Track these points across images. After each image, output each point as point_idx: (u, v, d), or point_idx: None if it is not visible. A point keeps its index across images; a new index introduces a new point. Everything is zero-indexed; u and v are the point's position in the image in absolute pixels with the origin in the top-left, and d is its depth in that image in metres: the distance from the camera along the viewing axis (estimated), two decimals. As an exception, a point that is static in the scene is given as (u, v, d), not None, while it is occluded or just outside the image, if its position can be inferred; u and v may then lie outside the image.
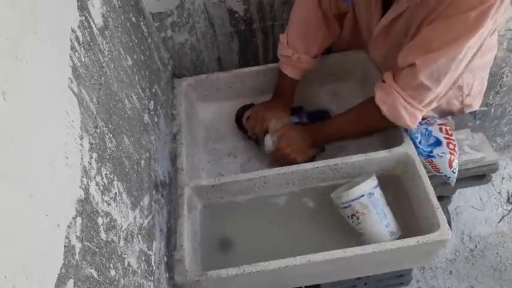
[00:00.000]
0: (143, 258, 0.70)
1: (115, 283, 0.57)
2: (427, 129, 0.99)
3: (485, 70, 1.09)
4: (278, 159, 1.01)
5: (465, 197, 1.77)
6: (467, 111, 1.16)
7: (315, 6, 1.02)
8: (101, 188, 0.58)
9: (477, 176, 1.14)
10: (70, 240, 0.47)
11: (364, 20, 1.04)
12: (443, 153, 0.96)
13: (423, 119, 1.05)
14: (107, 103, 0.66)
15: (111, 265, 0.57)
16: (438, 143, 0.98)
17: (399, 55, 0.88)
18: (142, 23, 0.99)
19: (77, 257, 0.48)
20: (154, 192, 0.83)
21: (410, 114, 0.89)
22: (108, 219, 0.58)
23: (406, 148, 0.95)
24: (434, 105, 0.90)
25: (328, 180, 0.99)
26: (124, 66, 0.78)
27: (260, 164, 1.06)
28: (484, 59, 1.02)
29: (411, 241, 0.82)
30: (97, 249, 0.53)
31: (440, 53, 0.80)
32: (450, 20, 0.78)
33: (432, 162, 0.96)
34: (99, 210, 0.56)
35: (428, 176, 0.91)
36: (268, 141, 1.03)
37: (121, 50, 0.78)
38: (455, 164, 0.96)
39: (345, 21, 1.12)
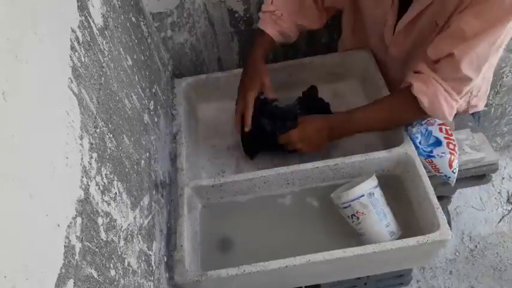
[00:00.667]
0: (143, 258, 0.70)
1: (115, 283, 0.57)
2: (427, 129, 0.99)
3: (491, 70, 1.09)
4: (288, 147, 0.98)
5: (465, 197, 1.77)
6: (471, 112, 1.16)
7: None
8: (101, 188, 0.58)
9: (477, 176, 1.14)
10: (70, 240, 0.47)
11: (373, 18, 1.01)
12: (443, 153, 0.96)
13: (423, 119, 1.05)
14: (107, 103, 0.66)
15: (111, 265, 0.57)
16: (438, 143, 0.98)
17: (430, 48, 0.85)
18: (142, 23, 0.99)
19: (77, 257, 0.48)
20: (154, 192, 0.83)
21: (449, 106, 0.86)
22: (108, 219, 0.58)
23: (406, 148, 0.95)
24: (466, 95, 0.87)
25: (328, 180, 0.99)
26: (124, 66, 0.78)
27: (261, 164, 1.06)
28: None
29: (411, 241, 0.82)
30: (97, 249, 0.53)
31: (477, 40, 0.77)
32: (484, 6, 0.75)
33: (432, 162, 0.96)
34: (99, 210, 0.56)
35: (428, 176, 0.91)
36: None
37: (121, 50, 0.78)
38: (455, 164, 0.96)
39: (343, 24, 1.12)
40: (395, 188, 0.97)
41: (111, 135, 0.65)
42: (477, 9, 0.77)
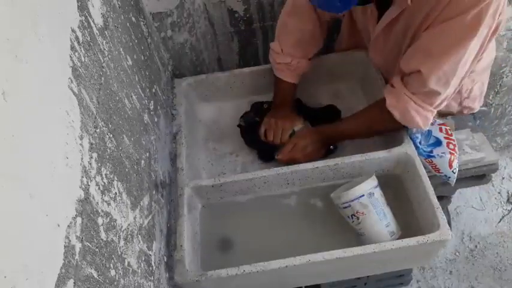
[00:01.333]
0: (143, 258, 0.70)
1: (115, 283, 0.57)
2: (427, 130, 0.99)
3: (484, 73, 1.09)
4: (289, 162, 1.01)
5: (465, 197, 1.77)
6: (467, 113, 1.16)
7: (311, 14, 1.01)
8: (101, 188, 0.58)
9: (477, 176, 1.14)
10: (70, 240, 0.47)
11: (361, 22, 1.04)
12: (443, 153, 0.96)
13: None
14: (107, 103, 0.66)
15: (111, 265, 0.57)
16: (438, 143, 0.98)
17: (402, 60, 0.88)
18: (142, 23, 0.99)
19: (77, 257, 0.48)
20: (154, 192, 0.83)
21: (422, 117, 0.89)
22: (108, 219, 0.58)
23: (406, 148, 0.95)
24: (444, 104, 0.90)
25: (328, 180, 0.99)
26: (124, 66, 0.78)
27: (262, 164, 1.06)
28: (482, 63, 1.02)
29: (411, 241, 0.82)
30: (97, 249, 0.53)
31: (443, 58, 0.80)
32: (448, 24, 0.78)
33: (432, 162, 0.96)
34: (99, 210, 0.56)
35: (428, 176, 0.91)
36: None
37: (121, 50, 0.78)
38: (455, 164, 0.96)
39: (342, 25, 1.13)
40: (395, 188, 0.97)
41: (111, 135, 0.65)
42: (442, 27, 0.79)
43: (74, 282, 0.46)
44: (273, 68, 1.08)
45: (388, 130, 1.00)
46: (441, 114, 1.14)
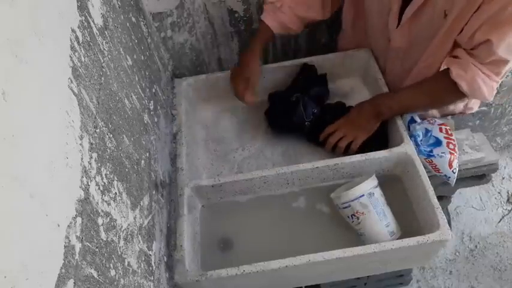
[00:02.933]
0: (143, 258, 0.70)
1: (115, 283, 0.57)
2: (427, 129, 0.99)
3: None
4: (337, 134, 1.00)
5: (465, 197, 1.77)
6: (467, 113, 1.16)
7: None
8: (101, 188, 0.58)
9: (477, 176, 1.14)
10: (70, 240, 0.47)
11: (376, 7, 1.01)
12: (443, 153, 0.96)
13: (423, 119, 1.06)
14: (107, 103, 0.66)
15: (111, 265, 0.57)
16: (438, 143, 0.98)
17: (461, 36, 0.87)
18: (142, 23, 0.99)
19: (77, 257, 0.48)
20: (154, 192, 0.83)
21: (488, 87, 0.89)
22: (108, 219, 0.58)
23: (406, 148, 0.95)
24: (505, 76, 0.90)
25: (328, 180, 0.99)
26: (124, 66, 0.78)
27: (262, 163, 1.06)
28: None
29: (411, 241, 0.82)
30: (97, 249, 0.53)
31: None
32: None
33: (432, 162, 0.96)
34: (99, 210, 0.56)
35: (428, 176, 0.91)
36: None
37: (121, 50, 0.78)
38: (455, 164, 0.96)
39: (343, 16, 1.11)
40: (395, 188, 0.97)
41: (111, 135, 0.65)
42: None
43: (74, 282, 0.46)
44: None
45: (451, 102, 1.00)
46: (444, 115, 1.14)
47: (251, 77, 1.05)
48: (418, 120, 0.98)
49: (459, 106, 1.12)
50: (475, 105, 1.14)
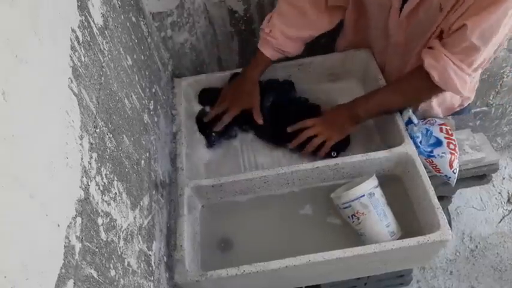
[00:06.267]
0: (143, 258, 0.70)
1: (115, 283, 0.57)
2: (427, 129, 0.99)
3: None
4: (311, 132, 1.00)
5: (465, 197, 1.77)
6: (465, 104, 1.17)
7: None
8: (101, 188, 0.58)
9: (477, 176, 1.14)
10: (70, 240, 0.47)
11: (377, 5, 1.01)
12: (444, 153, 0.96)
13: (423, 119, 1.05)
14: (107, 103, 0.66)
15: (111, 265, 0.57)
16: (438, 143, 0.98)
17: (444, 22, 0.87)
18: (142, 22, 0.99)
19: (77, 257, 0.48)
20: (154, 192, 0.83)
21: (460, 79, 0.89)
22: (108, 219, 0.58)
23: (406, 148, 0.95)
24: (480, 70, 0.90)
25: (328, 180, 0.99)
26: (124, 66, 0.78)
27: (263, 163, 1.06)
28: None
29: (411, 241, 0.82)
30: (97, 249, 0.53)
31: (491, 8, 0.79)
32: None
33: (432, 162, 0.96)
34: (99, 210, 0.56)
35: (429, 176, 0.91)
36: None
37: (121, 49, 0.78)
38: (455, 164, 0.96)
39: (346, 20, 1.11)
40: (396, 188, 0.97)
41: (111, 135, 0.65)
42: None
43: (74, 282, 0.46)
44: None
45: (426, 96, 0.99)
46: (446, 110, 1.14)
47: (255, 103, 1.06)
48: (416, 121, 0.98)
49: (455, 98, 1.12)
50: (471, 94, 1.15)
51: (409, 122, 0.99)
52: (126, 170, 0.69)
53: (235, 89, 1.08)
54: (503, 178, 1.83)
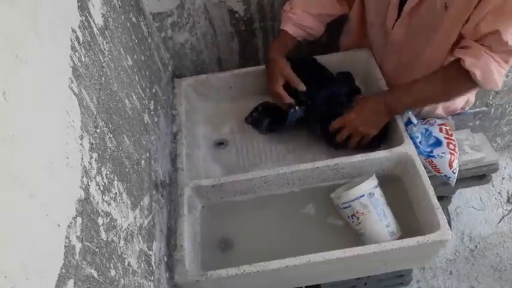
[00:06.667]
0: (143, 258, 0.70)
1: (115, 283, 0.57)
2: (427, 130, 0.99)
3: None
4: (347, 130, 1.00)
5: (465, 197, 1.77)
6: (467, 108, 1.17)
7: None
8: (101, 188, 0.58)
9: (477, 176, 1.14)
10: (70, 240, 0.47)
11: (375, 2, 1.02)
12: (444, 153, 0.96)
13: (423, 119, 1.06)
14: (107, 103, 0.66)
15: (111, 265, 0.57)
16: (438, 143, 0.98)
17: (466, 28, 0.87)
18: (142, 23, 0.99)
19: (77, 257, 0.48)
20: (154, 192, 0.83)
21: (499, 74, 0.89)
22: (108, 219, 0.58)
23: (406, 148, 0.95)
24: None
25: (328, 180, 0.99)
26: (124, 66, 0.78)
27: (263, 163, 1.06)
28: None
29: (411, 241, 0.82)
30: (97, 249, 0.53)
31: None
32: None
33: (432, 162, 0.96)
34: (99, 210, 0.56)
35: (429, 176, 0.91)
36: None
37: (121, 50, 0.78)
38: (455, 164, 0.96)
39: (351, 12, 1.11)
40: (395, 188, 0.97)
41: (111, 135, 0.65)
42: None
43: (74, 282, 0.46)
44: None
45: (463, 92, 0.99)
46: (448, 112, 1.14)
47: (286, 72, 1.04)
48: (415, 121, 0.98)
49: (461, 102, 1.12)
50: (472, 97, 1.16)
51: (409, 122, 0.99)
52: (127, 170, 0.69)
53: (267, 72, 1.08)
54: (503, 178, 1.83)
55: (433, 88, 0.97)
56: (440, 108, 1.11)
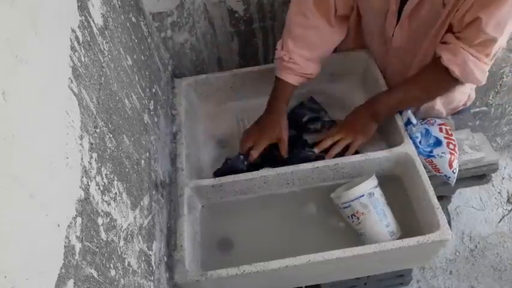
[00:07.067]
0: (143, 258, 0.70)
1: (115, 283, 0.57)
2: (427, 129, 0.99)
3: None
4: (331, 140, 0.99)
5: (465, 197, 1.77)
6: (468, 104, 1.18)
7: (315, 11, 0.98)
8: (101, 188, 0.58)
9: (477, 176, 1.14)
10: (70, 240, 0.47)
11: (372, 10, 1.01)
12: (443, 153, 0.96)
13: (423, 119, 1.05)
14: (107, 103, 0.66)
15: (111, 265, 0.57)
16: (438, 143, 0.98)
17: (453, 18, 0.87)
18: (142, 23, 0.99)
19: (77, 257, 0.48)
20: (154, 192, 0.83)
21: (479, 70, 0.89)
22: (108, 219, 0.58)
23: (406, 148, 0.95)
24: (494, 58, 0.91)
25: (328, 180, 0.99)
26: (124, 66, 0.78)
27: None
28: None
29: (411, 241, 0.82)
30: (97, 249, 0.53)
31: (502, 2, 0.80)
32: None
33: (432, 162, 0.96)
34: (99, 210, 0.56)
35: (428, 176, 0.91)
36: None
37: (121, 50, 0.78)
38: (455, 164, 0.96)
39: (350, 20, 1.11)
40: (395, 188, 0.97)
41: (111, 135, 0.65)
42: None
43: (74, 282, 0.46)
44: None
45: (445, 90, 1.00)
46: (450, 110, 1.14)
47: (283, 136, 1.00)
48: (415, 121, 0.98)
49: (462, 98, 1.12)
50: (472, 92, 1.16)
51: (408, 122, 0.99)
52: (126, 170, 0.69)
53: (262, 123, 1.02)
54: (503, 178, 1.83)
55: (414, 88, 0.97)
56: (439, 104, 1.10)
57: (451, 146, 0.97)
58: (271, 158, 1.01)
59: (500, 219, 1.72)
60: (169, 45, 1.19)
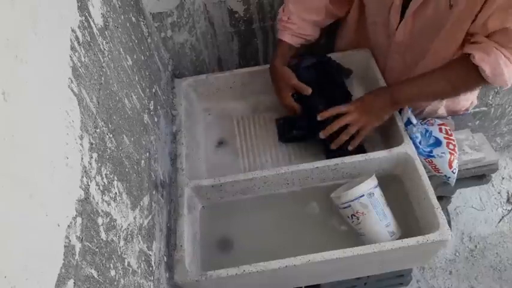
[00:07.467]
0: (143, 258, 0.70)
1: (115, 283, 0.57)
2: (427, 129, 0.99)
3: None
4: (348, 117, 0.98)
5: (465, 197, 1.77)
6: (470, 108, 1.18)
7: None
8: (101, 188, 0.58)
9: (477, 176, 1.14)
10: (70, 240, 0.47)
11: (377, 4, 1.01)
12: (443, 153, 0.96)
13: (423, 119, 1.06)
14: (107, 103, 0.66)
15: (111, 265, 0.57)
16: (438, 143, 0.98)
17: (474, 26, 0.87)
18: (142, 23, 0.99)
19: (77, 257, 0.48)
20: (154, 192, 0.83)
21: (509, 70, 0.88)
22: (108, 219, 0.58)
23: (406, 148, 0.95)
24: None
25: (328, 180, 0.99)
26: (124, 66, 0.78)
27: (263, 163, 1.06)
28: None
29: (411, 241, 0.82)
30: (97, 249, 0.53)
31: None
32: None
33: (432, 162, 0.96)
34: (99, 210, 0.56)
35: (428, 176, 0.91)
36: None
37: (121, 50, 0.78)
38: (455, 164, 0.96)
39: (348, 15, 1.11)
40: (395, 188, 0.97)
41: (111, 135, 0.65)
42: None
43: (74, 282, 0.46)
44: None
45: (471, 88, 0.98)
46: (452, 112, 1.14)
47: (291, 81, 1.04)
48: (415, 121, 0.98)
49: (465, 104, 1.12)
50: (475, 99, 1.16)
51: (408, 122, 0.99)
52: (126, 170, 0.69)
53: (273, 83, 1.08)
54: (503, 178, 1.84)
55: (440, 82, 0.95)
56: (443, 109, 1.11)
57: (451, 146, 0.97)
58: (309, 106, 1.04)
59: (500, 219, 1.72)
60: (169, 45, 1.19)
